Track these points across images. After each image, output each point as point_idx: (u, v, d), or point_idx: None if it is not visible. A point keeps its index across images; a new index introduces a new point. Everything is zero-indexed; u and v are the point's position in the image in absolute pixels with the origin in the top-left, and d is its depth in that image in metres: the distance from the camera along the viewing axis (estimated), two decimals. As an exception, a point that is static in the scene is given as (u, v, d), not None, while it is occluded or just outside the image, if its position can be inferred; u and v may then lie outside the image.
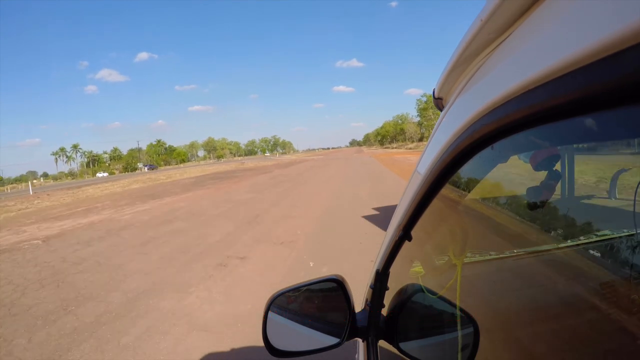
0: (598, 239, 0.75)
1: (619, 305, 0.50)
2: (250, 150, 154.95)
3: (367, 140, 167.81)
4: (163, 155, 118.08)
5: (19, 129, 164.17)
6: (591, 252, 0.74)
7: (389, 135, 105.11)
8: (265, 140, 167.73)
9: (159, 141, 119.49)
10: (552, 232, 0.76)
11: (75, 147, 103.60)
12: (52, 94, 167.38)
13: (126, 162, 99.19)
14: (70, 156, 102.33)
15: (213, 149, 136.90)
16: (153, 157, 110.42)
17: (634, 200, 0.48)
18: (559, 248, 0.79)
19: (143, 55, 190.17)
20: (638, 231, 0.54)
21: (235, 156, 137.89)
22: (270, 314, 0.72)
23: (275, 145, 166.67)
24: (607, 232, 0.75)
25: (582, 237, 0.77)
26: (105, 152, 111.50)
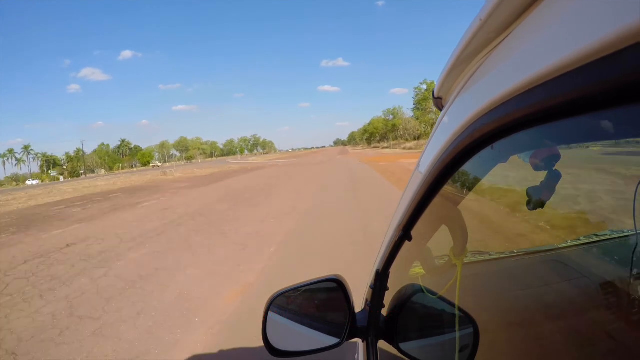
0: (598, 239, 0.75)
1: (619, 305, 0.50)
2: (229, 150, 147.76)
3: (352, 140, 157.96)
4: (127, 156, 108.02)
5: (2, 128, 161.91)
6: (591, 252, 0.74)
7: (378, 133, 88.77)
8: (244, 140, 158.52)
9: (123, 141, 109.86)
10: (552, 232, 0.76)
11: (26, 148, 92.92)
12: (35, 93, 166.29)
13: (71, 167, 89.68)
14: (20, 159, 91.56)
15: (186, 149, 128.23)
16: (104, 160, 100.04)
17: (634, 200, 0.48)
18: (559, 248, 0.79)
19: (127, 54, 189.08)
20: (638, 231, 0.54)
21: (213, 157, 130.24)
22: (270, 314, 0.72)
23: (256, 145, 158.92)
24: (607, 232, 0.75)
25: (582, 237, 0.77)
26: (67, 154, 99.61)
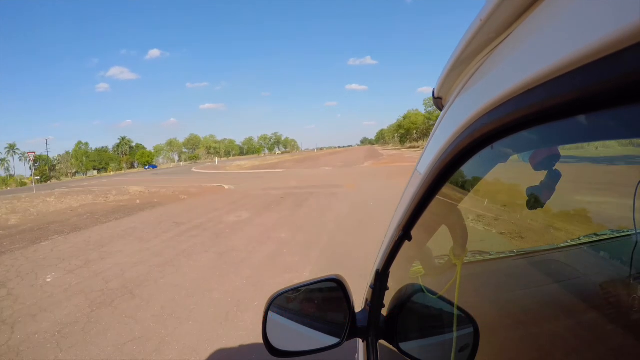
0: (598, 239, 0.75)
1: (619, 305, 0.50)
2: (248, 149, 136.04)
3: (380, 138, 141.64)
4: (127, 155, 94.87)
5: (34, 126, 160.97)
6: (591, 252, 0.74)
7: (418, 129, 67.95)
8: (264, 138, 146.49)
9: (123, 139, 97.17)
10: (552, 232, 0.76)
11: (11, 147, 78.79)
12: (65, 92, 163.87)
13: (41, 172, 68.60)
14: (4, 159, 78.04)
15: (197, 148, 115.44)
16: (81, 161, 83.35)
17: (634, 200, 0.48)
18: (559, 248, 0.79)
19: (155, 53, 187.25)
20: (638, 231, 0.54)
21: (230, 156, 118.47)
22: (270, 313, 0.72)
23: (277, 144, 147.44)
24: (607, 232, 0.75)
25: (582, 237, 0.78)
26: (67, 152, 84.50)
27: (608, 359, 0.48)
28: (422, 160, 0.58)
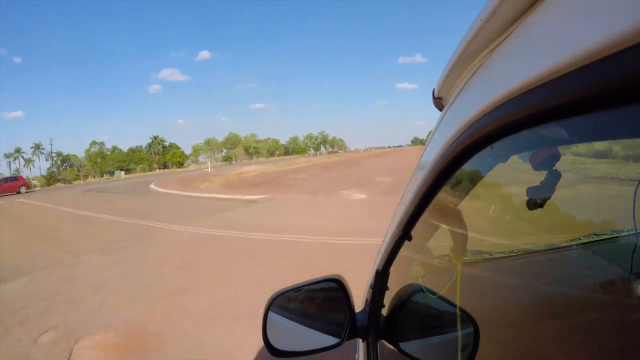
0: (598, 238, 0.75)
1: (619, 305, 0.50)
2: (293, 149, 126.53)
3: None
4: (158, 155, 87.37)
5: (89, 127, 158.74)
6: (591, 252, 0.74)
7: None
8: (310, 137, 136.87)
9: (155, 138, 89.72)
10: (552, 232, 0.76)
11: (37, 147, 73.27)
12: (120, 94, 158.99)
13: (50, 174, 55.88)
14: (29, 159, 71.75)
15: (235, 147, 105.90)
16: (95, 162, 73.09)
17: (634, 200, 0.48)
18: (559, 248, 0.79)
19: (205, 54, 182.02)
20: (638, 231, 0.54)
21: (274, 156, 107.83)
22: (270, 313, 0.72)
23: (324, 143, 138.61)
24: (607, 232, 0.75)
25: (582, 237, 0.78)
26: (96, 148, 76.55)
27: (608, 358, 0.48)
28: (422, 160, 0.59)
